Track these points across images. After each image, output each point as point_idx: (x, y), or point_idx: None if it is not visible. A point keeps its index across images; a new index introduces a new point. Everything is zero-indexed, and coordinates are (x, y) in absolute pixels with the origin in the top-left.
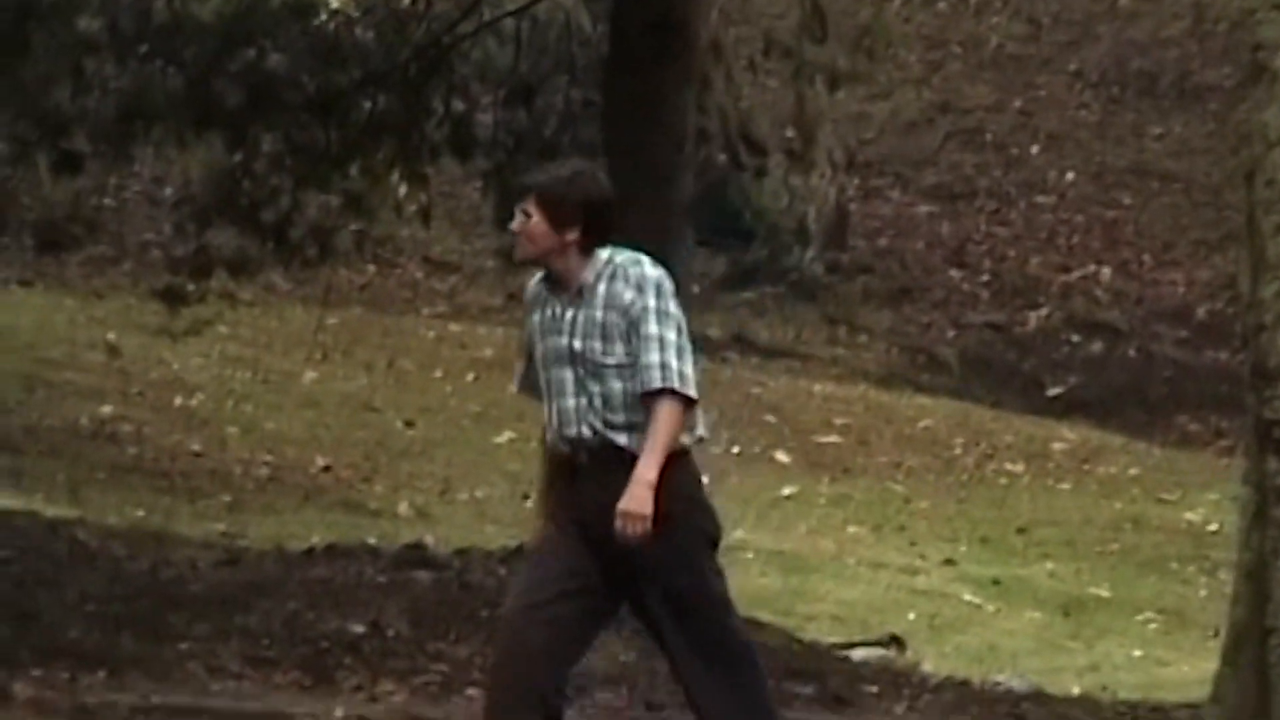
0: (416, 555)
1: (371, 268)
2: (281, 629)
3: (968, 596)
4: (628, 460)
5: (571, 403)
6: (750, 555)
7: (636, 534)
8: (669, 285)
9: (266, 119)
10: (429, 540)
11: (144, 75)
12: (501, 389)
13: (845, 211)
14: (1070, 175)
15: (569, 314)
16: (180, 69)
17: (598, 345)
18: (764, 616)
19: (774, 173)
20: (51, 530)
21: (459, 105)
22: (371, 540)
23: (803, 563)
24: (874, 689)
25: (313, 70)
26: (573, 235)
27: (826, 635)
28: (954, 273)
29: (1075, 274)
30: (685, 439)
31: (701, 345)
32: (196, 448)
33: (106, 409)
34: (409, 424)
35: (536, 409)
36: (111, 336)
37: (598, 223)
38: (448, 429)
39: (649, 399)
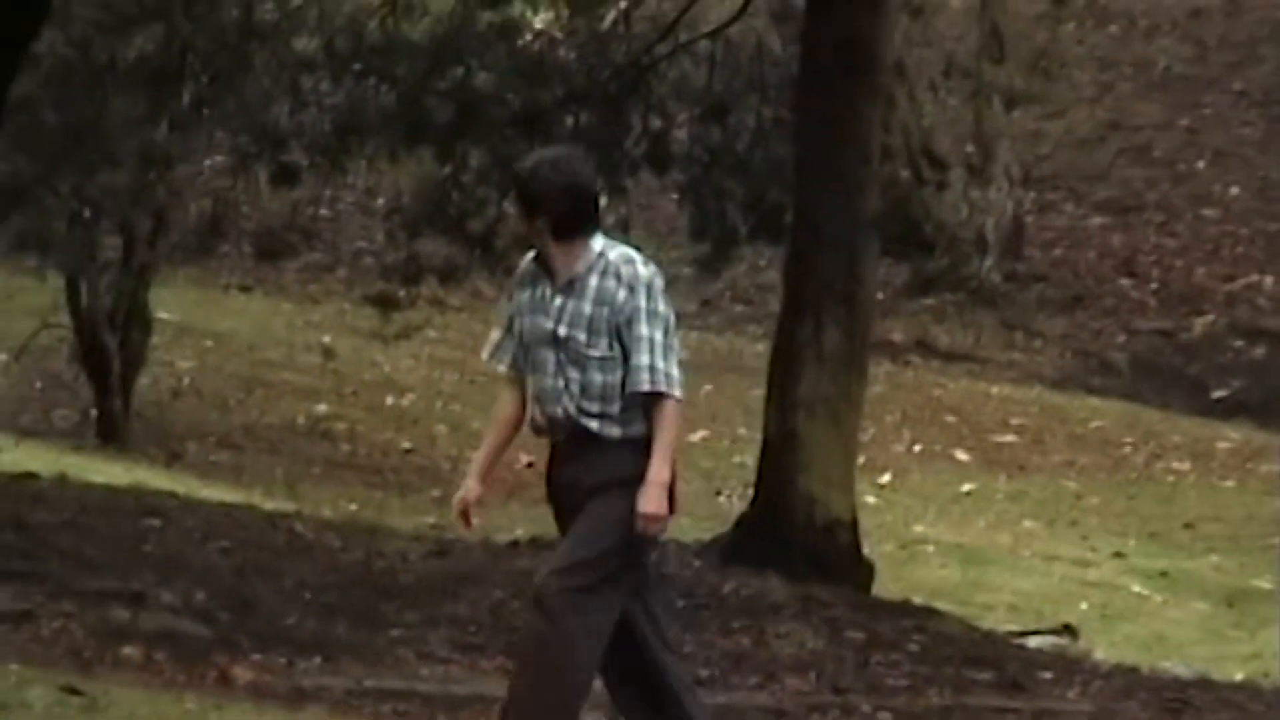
0: None
1: None
2: (488, 617)
3: (1137, 588)
4: (597, 443)
5: (550, 383)
6: (931, 548)
7: (655, 533)
8: (659, 283)
9: (474, 134)
10: None
11: (358, 92)
12: (696, 390)
13: (1021, 223)
14: (1235, 190)
15: (557, 301)
16: (392, 86)
17: (582, 336)
18: (943, 606)
19: (954, 187)
20: (270, 523)
21: (656, 122)
22: None
23: (981, 555)
24: (1048, 675)
25: (518, 88)
26: (541, 222)
27: (1003, 624)
28: (1124, 282)
29: (1239, 283)
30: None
31: (885, 350)
32: (407, 445)
33: (322, 408)
34: None
35: (725, 411)
36: (327, 340)
37: (568, 211)
38: None
39: (639, 399)
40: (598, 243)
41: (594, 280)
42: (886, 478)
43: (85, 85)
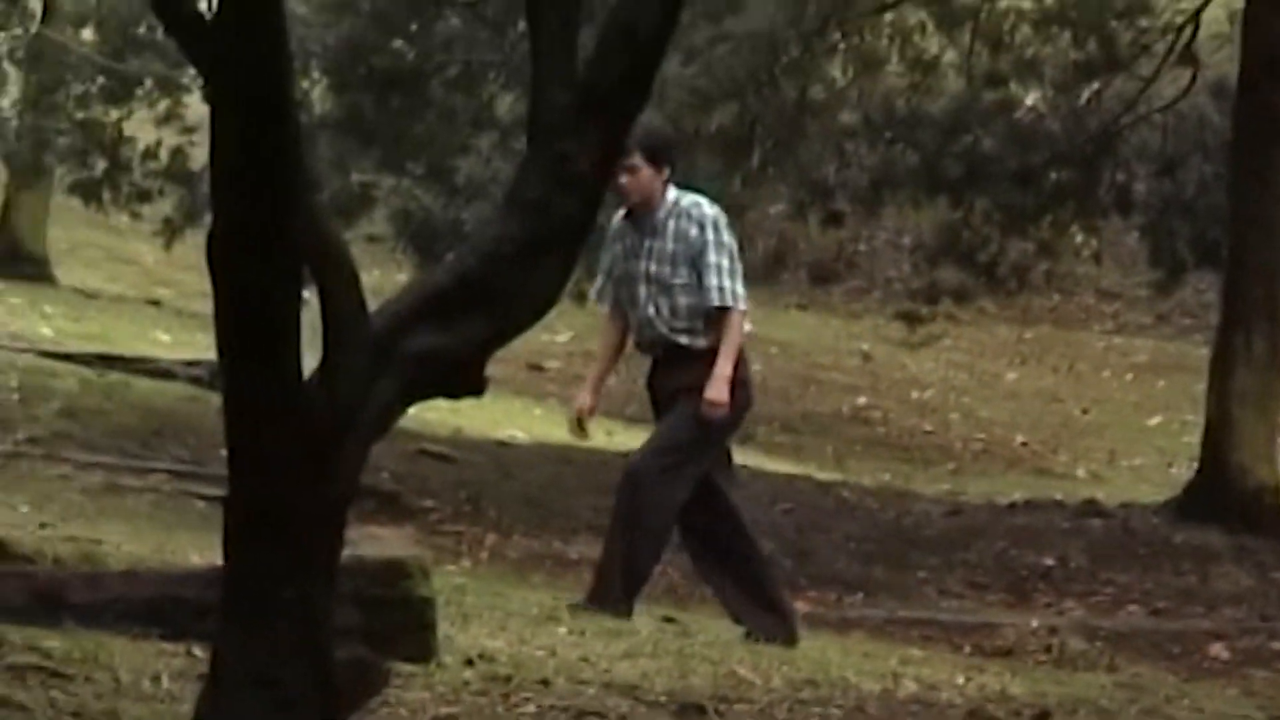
0: (1091, 507)
1: (1056, 296)
2: (992, 562)
3: None
4: (688, 354)
5: (646, 313)
6: None
7: (717, 416)
8: (723, 219)
9: (980, 187)
10: (1100, 496)
11: (889, 154)
12: (1152, 384)
13: None
14: None
15: (645, 243)
16: (916, 150)
17: (667, 270)
18: None
19: None
20: (822, 489)
21: (1121, 176)
22: (1057, 496)
23: None
24: None
25: (1014, 151)
26: (665, 174)
27: None
28: None
29: None
30: None
31: None
32: (928, 428)
33: (861, 400)
34: (1084, 411)
35: (1175, 401)
36: (865, 347)
37: (673, 165)
38: (1113, 414)
39: (713, 313)
40: (672, 193)
41: (672, 223)
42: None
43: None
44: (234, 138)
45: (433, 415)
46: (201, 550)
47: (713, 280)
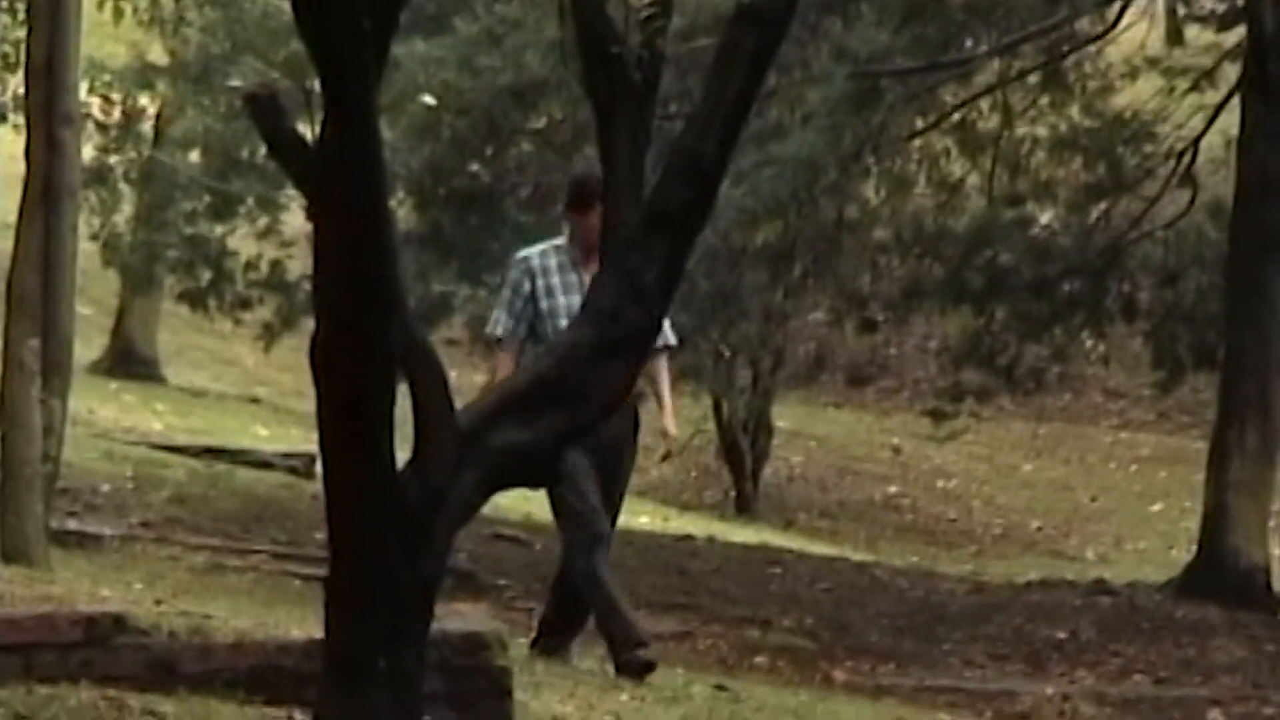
0: (1100, 587)
1: (1068, 395)
2: (1011, 635)
3: None
4: None
5: None
6: None
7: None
8: None
9: (999, 297)
10: (1108, 576)
11: (918, 268)
12: (1154, 475)
13: None
14: None
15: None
16: (942, 263)
17: None
18: None
19: None
20: (857, 569)
21: (1127, 287)
22: (1069, 576)
23: None
24: None
25: (1030, 264)
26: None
27: None
28: None
29: None
30: None
31: None
32: (952, 515)
33: (892, 489)
34: (1093, 499)
35: (1175, 490)
36: (895, 441)
37: None
38: (1118, 502)
39: (655, 352)
40: None
41: None
42: None
43: (726, 263)
44: (335, 251)
45: (505, 501)
46: (299, 624)
47: (666, 323)
